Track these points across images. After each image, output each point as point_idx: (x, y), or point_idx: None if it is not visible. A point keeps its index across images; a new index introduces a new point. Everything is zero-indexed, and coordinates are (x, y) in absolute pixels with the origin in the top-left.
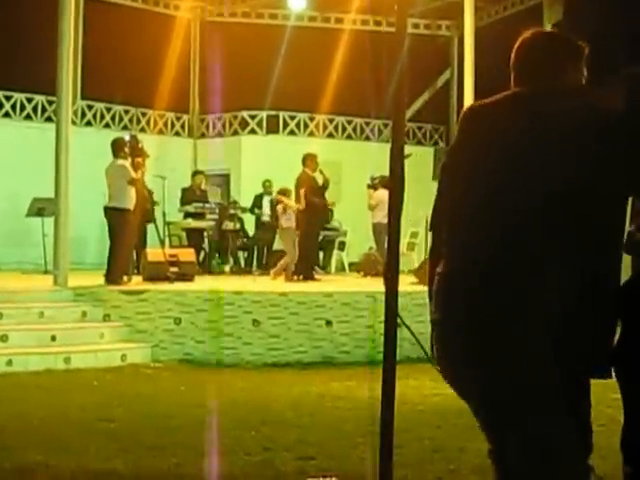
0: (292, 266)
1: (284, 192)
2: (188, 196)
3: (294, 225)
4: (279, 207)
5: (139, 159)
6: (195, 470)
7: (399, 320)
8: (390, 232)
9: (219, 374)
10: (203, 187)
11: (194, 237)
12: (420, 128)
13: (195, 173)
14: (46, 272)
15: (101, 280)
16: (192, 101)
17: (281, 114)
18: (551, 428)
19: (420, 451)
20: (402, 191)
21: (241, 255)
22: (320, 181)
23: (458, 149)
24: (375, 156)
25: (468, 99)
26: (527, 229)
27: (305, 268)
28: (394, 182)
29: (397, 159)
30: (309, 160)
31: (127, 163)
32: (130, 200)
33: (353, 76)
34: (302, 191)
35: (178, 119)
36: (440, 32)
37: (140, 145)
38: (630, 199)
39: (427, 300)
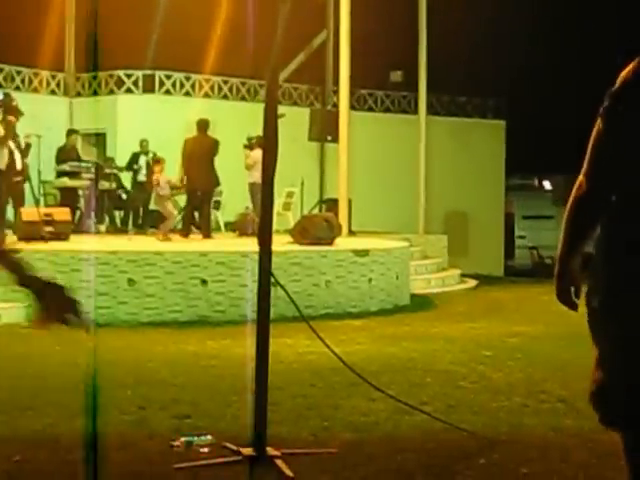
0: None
1: (157, 160)
2: (63, 155)
3: (169, 192)
4: (154, 177)
5: (11, 118)
6: (69, 430)
7: (273, 279)
8: (264, 191)
9: (94, 333)
10: (78, 146)
11: (69, 196)
12: (296, 89)
13: (70, 132)
14: None
15: None
16: (67, 59)
17: (157, 73)
18: None
19: (294, 409)
20: (275, 151)
21: (117, 214)
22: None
23: None
24: (251, 116)
25: (344, 60)
26: None
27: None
28: (267, 142)
29: (270, 119)
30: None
31: None
32: (1, 159)
33: (230, 36)
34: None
35: (53, 77)
36: None
37: (14, 103)
38: None
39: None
